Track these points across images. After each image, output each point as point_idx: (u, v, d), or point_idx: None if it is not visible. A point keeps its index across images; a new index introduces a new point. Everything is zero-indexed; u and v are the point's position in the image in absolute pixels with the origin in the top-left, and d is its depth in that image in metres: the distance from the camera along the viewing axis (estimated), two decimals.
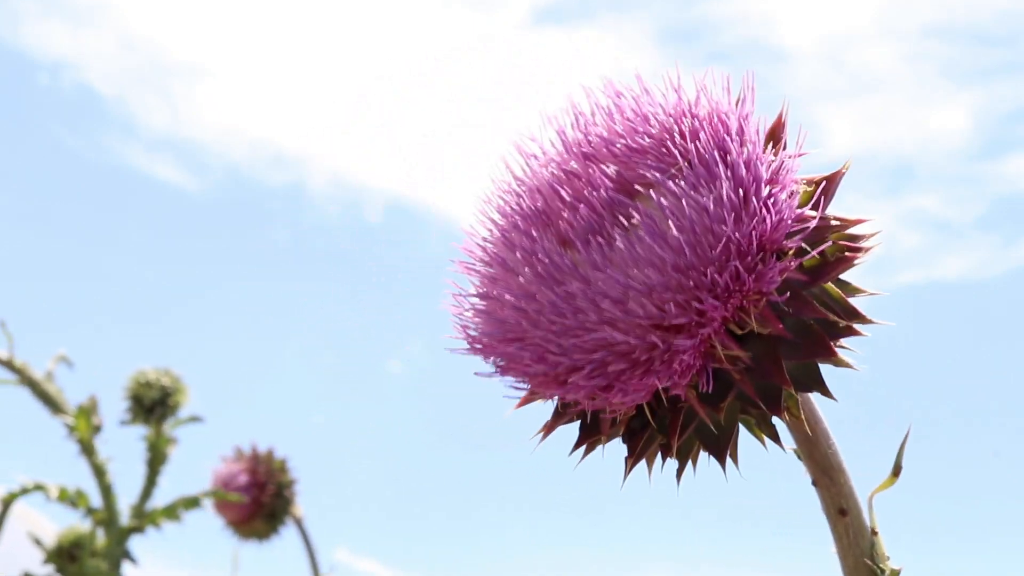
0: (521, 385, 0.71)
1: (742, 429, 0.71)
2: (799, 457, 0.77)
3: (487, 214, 0.75)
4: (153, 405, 1.83)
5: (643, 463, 0.71)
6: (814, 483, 0.78)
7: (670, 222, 0.65)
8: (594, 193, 0.69)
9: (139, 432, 1.84)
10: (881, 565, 0.78)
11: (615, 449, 0.72)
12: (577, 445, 0.72)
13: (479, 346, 0.71)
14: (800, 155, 0.70)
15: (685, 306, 0.65)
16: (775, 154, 0.70)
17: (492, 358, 0.71)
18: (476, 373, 0.71)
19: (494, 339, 0.70)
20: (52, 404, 1.77)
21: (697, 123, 0.69)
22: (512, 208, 0.73)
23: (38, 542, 1.77)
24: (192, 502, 1.78)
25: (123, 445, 1.83)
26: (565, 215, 0.70)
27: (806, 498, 0.77)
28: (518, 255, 0.70)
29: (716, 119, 0.69)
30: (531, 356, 0.68)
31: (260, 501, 2.05)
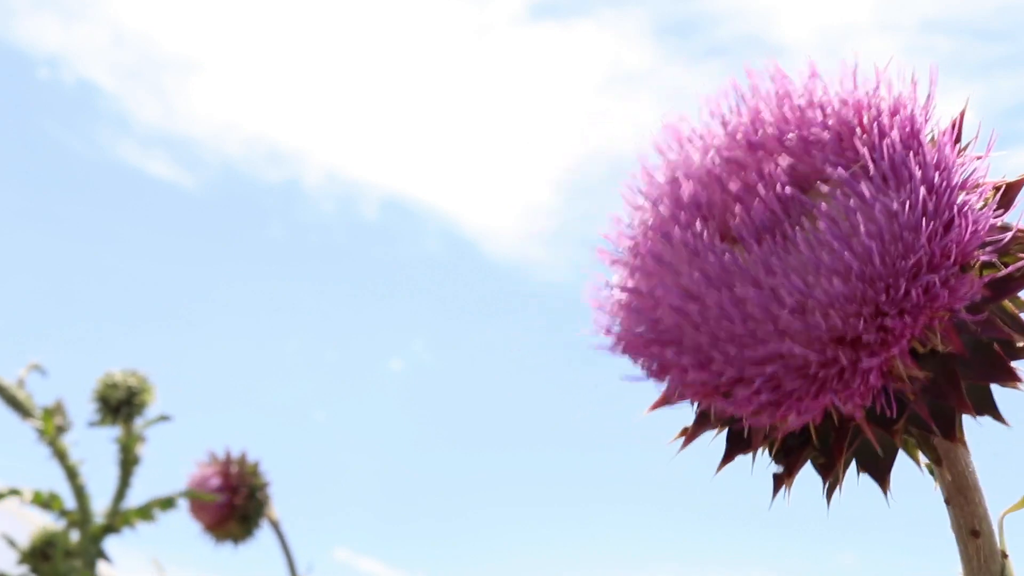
0: (661, 385, 0.66)
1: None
2: (932, 473, 0.73)
3: (632, 200, 0.70)
4: (119, 405, 1.85)
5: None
6: (947, 501, 0.73)
7: (859, 227, 0.59)
8: (768, 188, 0.63)
9: (113, 434, 1.87)
10: None
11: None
12: (726, 459, 0.67)
13: (626, 345, 0.66)
14: (987, 156, 0.65)
15: (870, 321, 0.59)
16: (960, 155, 0.64)
17: (641, 360, 0.66)
18: (625, 378, 0.66)
19: (645, 340, 0.65)
20: (21, 409, 1.79)
21: (881, 117, 0.64)
22: (668, 196, 0.68)
23: (12, 543, 1.79)
24: (167, 503, 1.81)
25: (99, 447, 1.87)
26: (735, 209, 0.64)
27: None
28: (678, 250, 0.65)
29: (902, 114, 0.64)
30: (691, 362, 0.63)
31: (233, 504, 2.07)
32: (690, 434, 0.68)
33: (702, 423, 0.67)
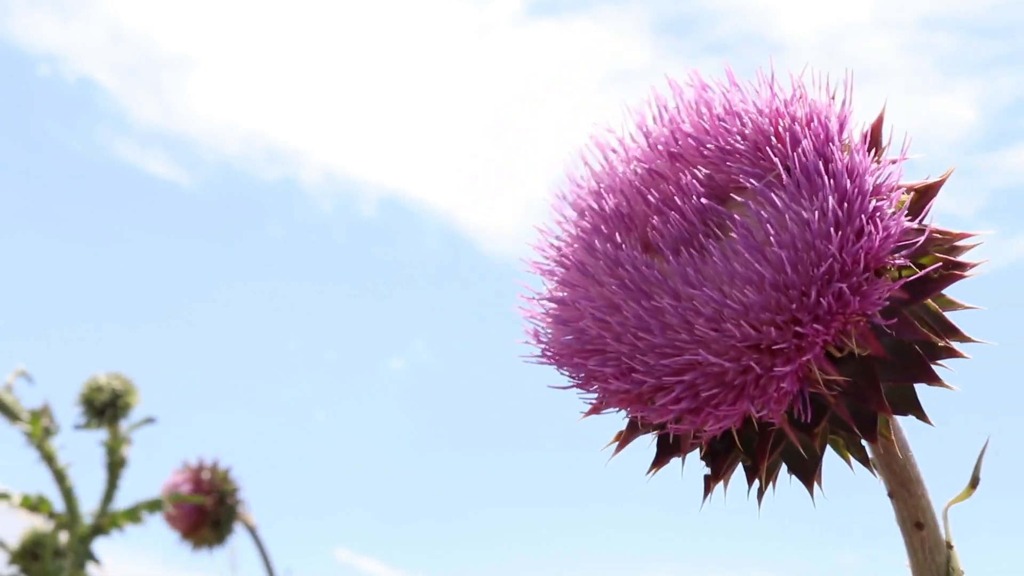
0: (591, 398, 0.67)
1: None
2: (875, 469, 0.74)
3: (561, 211, 0.71)
4: (104, 407, 1.87)
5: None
6: (890, 495, 0.74)
7: (771, 237, 0.60)
8: (685, 199, 0.64)
9: (100, 437, 1.88)
10: None
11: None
12: (656, 465, 0.68)
13: (553, 355, 0.67)
14: (901, 160, 0.65)
15: (785, 329, 0.60)
16: (877, 160, 0.65)
17: (566, 369, 0.67)
18: (551, 386, 0.67)
19: (571, 350, 0.66)
20: (9, 413, 1.80)
21: (795, 125, 0.64)
22: (592, 207, 0.69)
23: (2, 544, 1.80)
24: (154, 505, 1.83)
25: (87, 451, 1.89)
26: (653, 221, 0.65)
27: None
28: (600, 261, 0.66)
29: (816, 122, 0.65)
30: (613, 372, 0.64)
31: (204, 510, 2.10)
32: (623, 440, 0.69)
33: (633, 429, 0.69)
